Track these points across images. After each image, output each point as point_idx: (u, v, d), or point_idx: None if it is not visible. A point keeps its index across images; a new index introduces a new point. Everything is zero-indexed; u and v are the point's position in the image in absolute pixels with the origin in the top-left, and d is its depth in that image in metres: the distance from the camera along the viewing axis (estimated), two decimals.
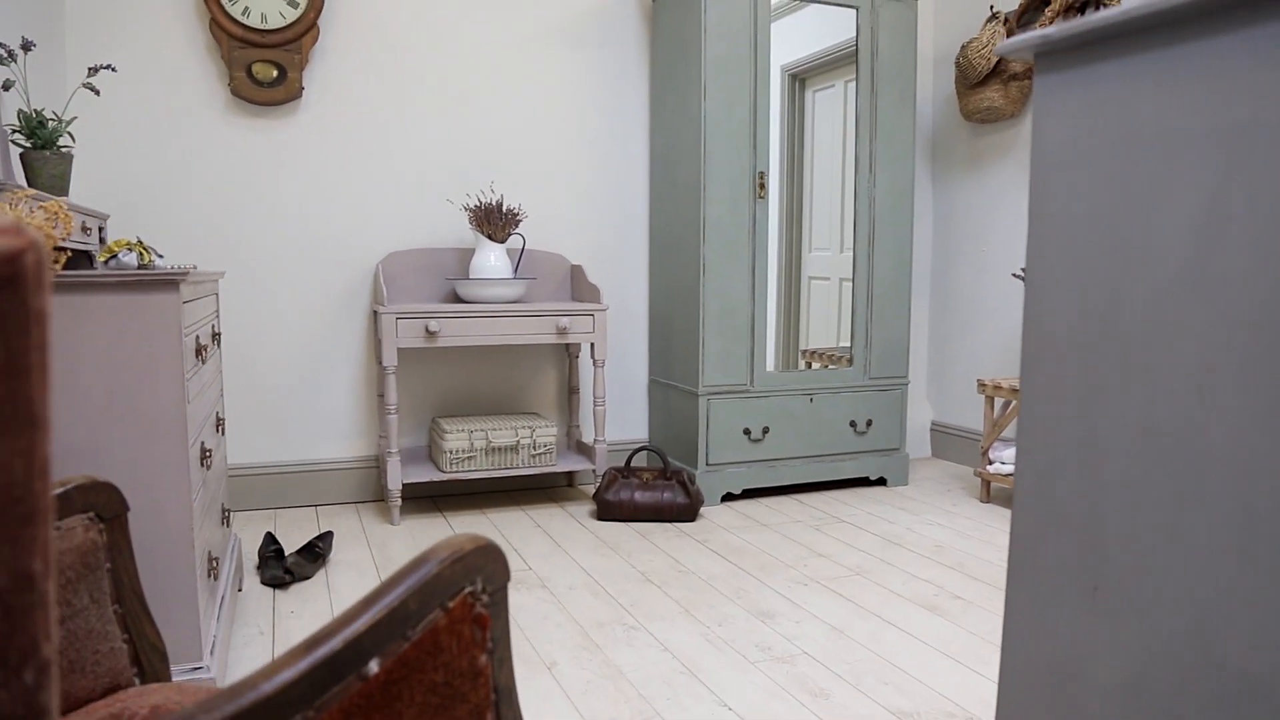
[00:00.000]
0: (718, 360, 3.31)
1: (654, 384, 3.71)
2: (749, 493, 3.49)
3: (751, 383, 3.37)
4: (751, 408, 3.37)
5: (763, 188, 3.29)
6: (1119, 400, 0.75)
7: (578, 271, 3.46)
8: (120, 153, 3.03)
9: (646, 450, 3.32)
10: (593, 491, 3.44)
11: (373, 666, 0.70)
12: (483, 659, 0.79)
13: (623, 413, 3.75)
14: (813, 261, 3.55)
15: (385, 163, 3.33)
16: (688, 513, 3.11)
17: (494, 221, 3.21)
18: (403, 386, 3.41)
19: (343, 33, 3.24)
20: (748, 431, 3.37)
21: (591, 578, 2.57)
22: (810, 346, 3.60)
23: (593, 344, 3.23)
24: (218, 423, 2.16)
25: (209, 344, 2.00)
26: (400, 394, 3.40)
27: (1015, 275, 3.45)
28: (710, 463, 3.33)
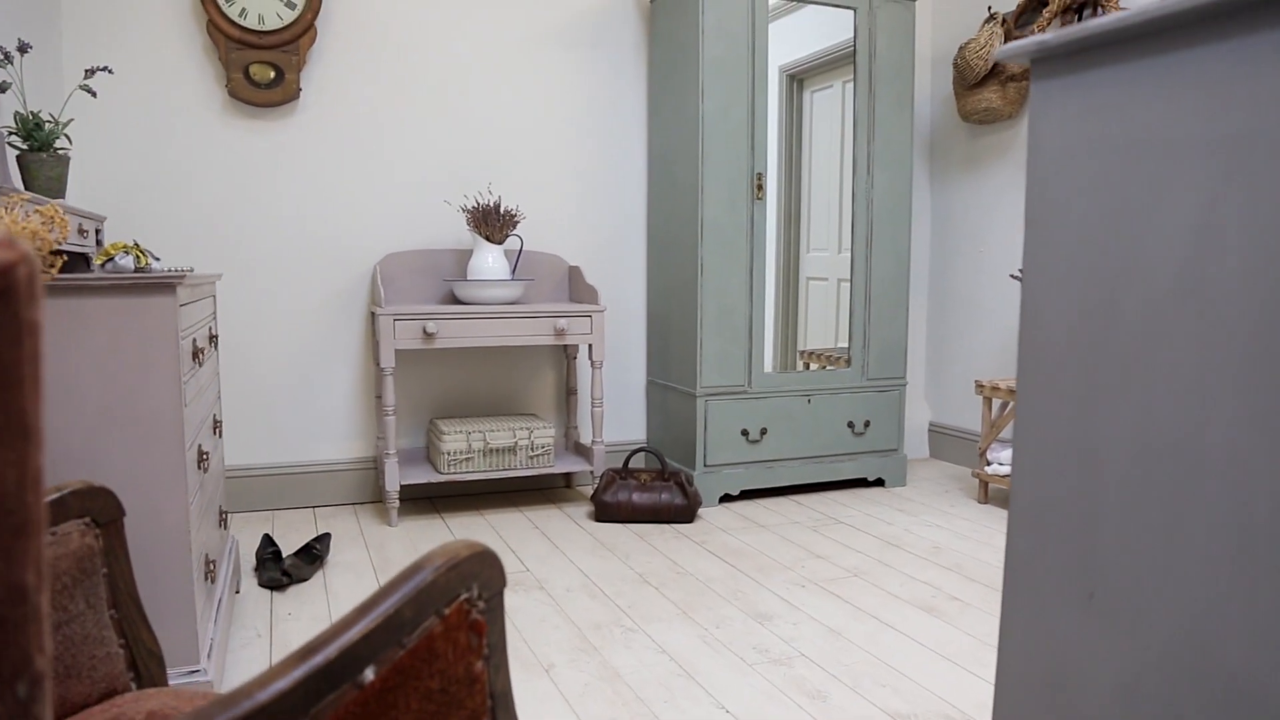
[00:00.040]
0: (715, 361, 3.31)
1: (652, 385, 3.71)
2: (747, 494, 3.49)
3: (749, 384, 3.37)
4: (749, 409, 3.37)
5: (760, 189, 3.29)
6: (1115, 407, 0.75)
7: (575, 273, 3.46)
8: (117, 155, 3.02)
9: (644, 451, 3.32)
10: (591, 493, 3.44)
11: (368, 674, 0.70)
12: (479, 665, 0.79)
13: (620, 414, 3.75)
14: (811, 262, 3.54)
15: (383, 164, 3.33)
16: (685, 514, 3.11)
17: (492, 222, 3.21)
18: (400, 388, 3.41)
19: (340, 34, 3.24)
20: (745, 433, 3.37)
21: (589, 579, 2.56)
22: (808, 347, 3.60)
23: (590, 345, 3.23)
24: (215, 425, 2.16)
25: (206, 346, 2.00)
26: (398, 395, 3.39)
27: (1013, 276, 3.45)
28: (708, 464, 3.33)
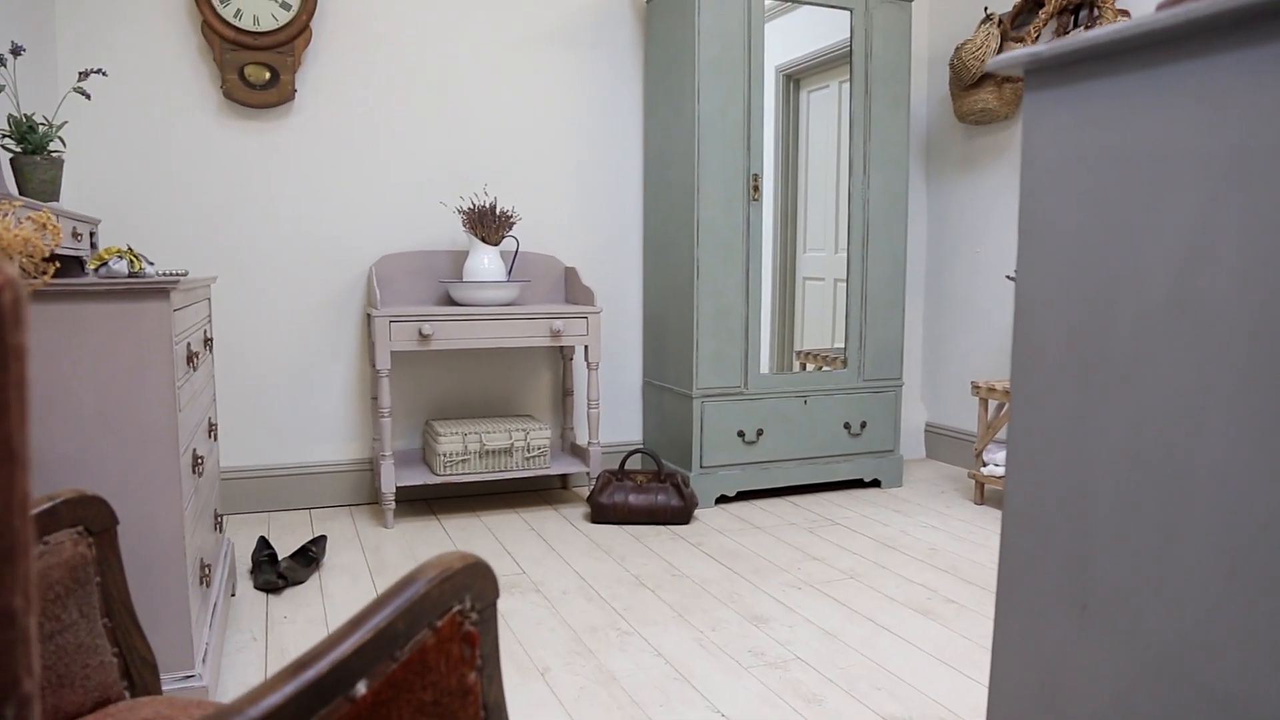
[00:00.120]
0: (712, 362, 3.31)
1: (648, 386, 3.71)
2: (743, 495, 3.49)
3: (745, 385, 3.37)
4: (745, 410, 3.37)
5: (756, 190, 3.29)
6: (1108, 419, 0.75)
7: (571, 274, 3.46)
8: (112, 157, 3.01)
9: (640, 453, 3.32)
10: (587, 494, 3.44)
11: (360, 688, 0.70)
12: (472, 677, 0.79)
13: (617, 415, 3.75)
14: (808, 262, 3.54)
15: (378, 165, 3.32)
16: (682, 515, 3.11)
17: (487, 224, 3.21)
18: (396, 389, 3.40)
19: (335, 35, 3.23)
20: (742, 434, 3.37)
21: (585, 581, 2.56)
22: (805, 347, 3.60)
23: (586, 346, 3.23)
24: (210, 428, 2.15)
25: (201, 350, 2.00)
26: (394, 396, 3.39)
27: (1009, 277, 3.46)
28: (704, 465, 3.33)
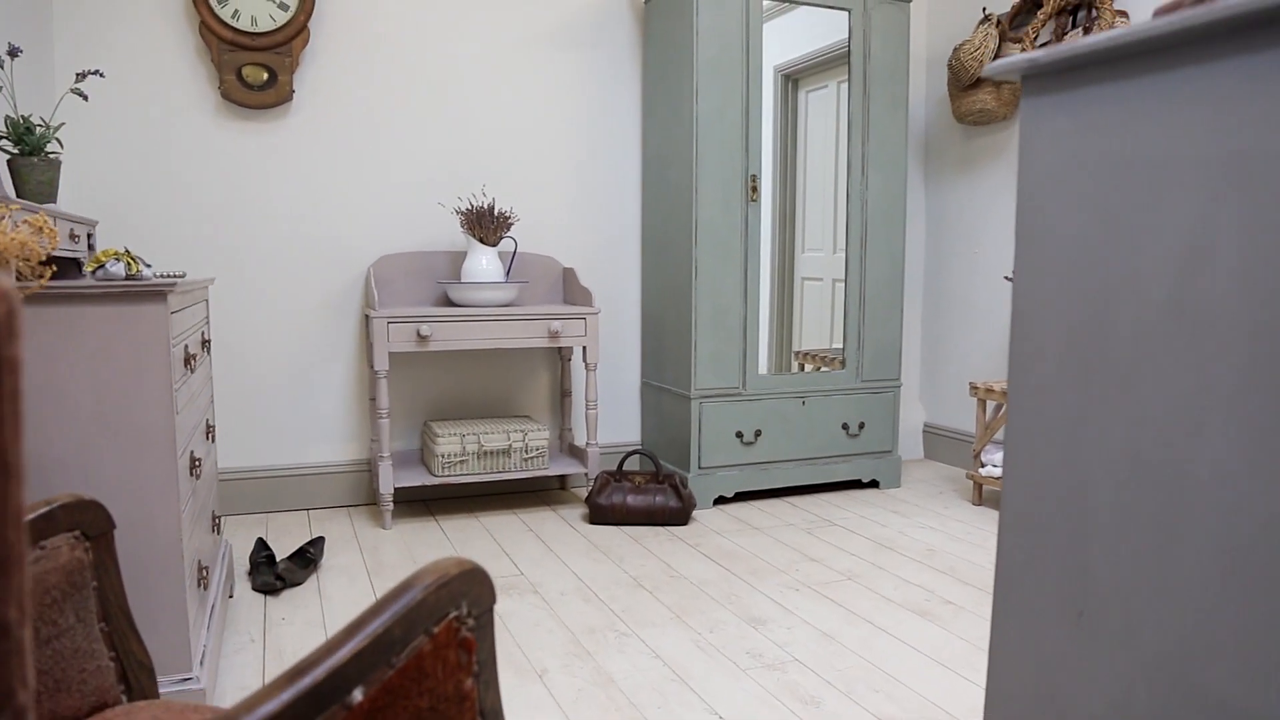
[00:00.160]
0: (710, 363, 3.31)
1: (646, 387, 3.71)
2: (741, 496, 3.49)
3: (744, 386, 3.37)
4: (744, 411, 3.37)
5: (755, 191, 3.29)
6: (1106, 424, 0.75)
7: (570, 274, 3.46)
8: (109, 158, 3.01)
9: (639, 454, 3.32)
10: (585, 495, 3.44)
11: (356, 695, 0.70)
12: (468, 683, 0.79)
13: (615, 416, 3.75)
14: (806, 262, 3.54)
15: (376, 166, 3.32)
16: (680, 516, 3.11)
17: (485, 225, 3.21)
18: (394, 390, 3.40)
19: (333, 35, 3.23)
20: (740, 434, 3.37)
21: (583, 583, 2.56)
22: (803, 348, 3.60)
23: (585, 347, 3.23)
24: (208, 430, 2.15)
25: (198, 352, 1.99)
26: (392, 397, 3.39)
27: (1007, 278, 3.46)
28: (702, 466, 3.33)
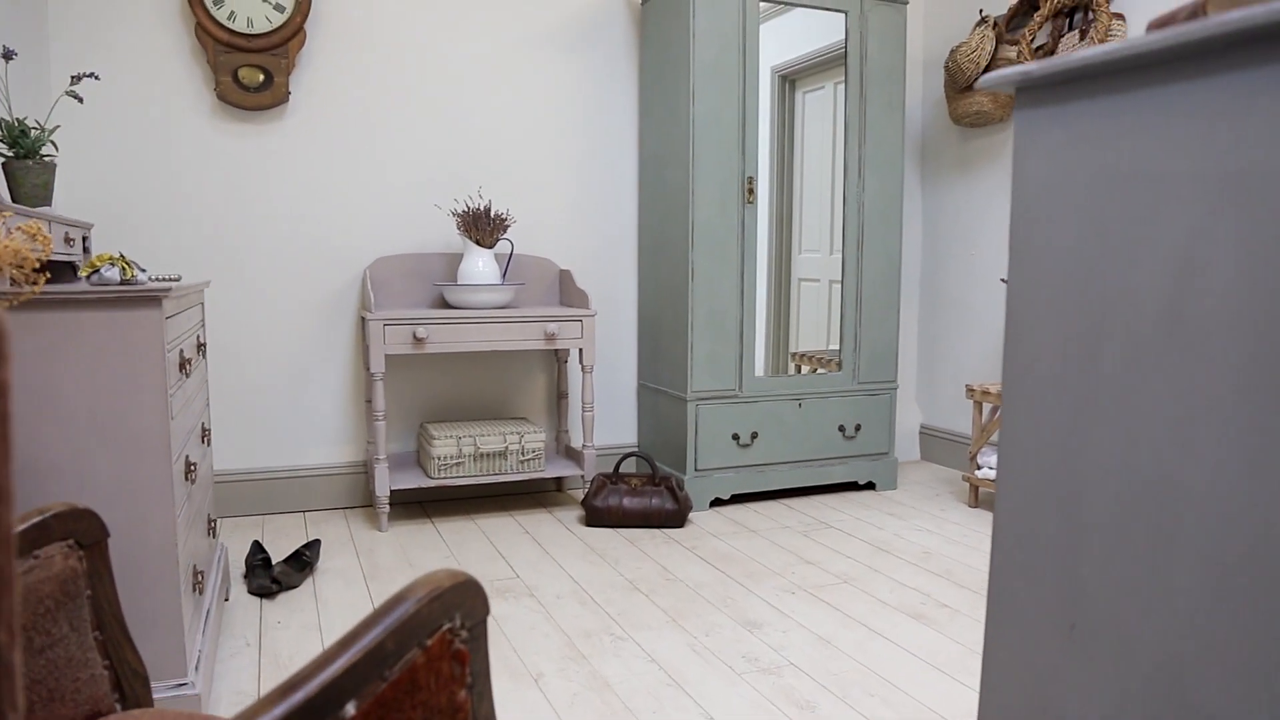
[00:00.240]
0: (706, 365, 3.31)
1: (643, 389, 3.71)
2: (737, 498, 3.49)
3: (740, 388, 3.37)
4: (740, 413, 3.37)
5: (751, 193, 3.29)
6: (1098, 439, 0.75)
7: (566, 276, 3.45)
8: (105, 160, 3.00)
9: (635, 456, 3.32)
10: (581, 497, 3.44)
11: (350, 709, 0.69)
12: (462, 694, 0.79)
13: (611, 418, 3.75)
14: (803, 263, 3.55)
15: (373, 167, 3.32)
16: (676, 519, 3.11)
17: (482, 226, 3.20)
18: (391, 392, 3.40)
19: (329, 37, 3.22)
20: (736, 437, 3.37)
21: (579, 586, 2.56)
22: (800, 349, 3.60)
23: (581, 349, 3.23)
24: (203, 434, 2.15)
25: (194, 356, 1.99)
26: (388, 400, 3.39)
27: (1003, 280, 3.46)
28: (699, 468, 3.33)
